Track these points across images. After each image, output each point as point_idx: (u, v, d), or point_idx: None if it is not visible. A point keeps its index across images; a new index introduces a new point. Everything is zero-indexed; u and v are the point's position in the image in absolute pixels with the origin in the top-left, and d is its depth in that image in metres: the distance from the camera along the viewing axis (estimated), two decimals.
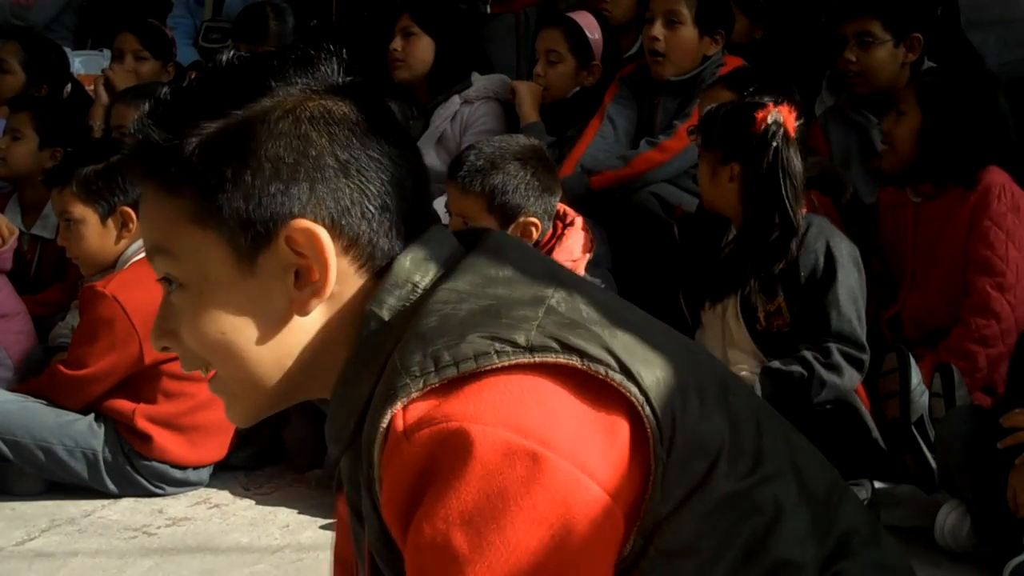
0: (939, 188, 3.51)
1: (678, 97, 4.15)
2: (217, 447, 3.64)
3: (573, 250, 3.34)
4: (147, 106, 1.22)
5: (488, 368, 1.09)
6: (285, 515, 3.38)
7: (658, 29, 4.11)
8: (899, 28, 3.94)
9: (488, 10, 4.91)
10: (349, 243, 1.19)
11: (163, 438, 3.48)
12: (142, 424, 3.47)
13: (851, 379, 3.13)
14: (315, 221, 1.17)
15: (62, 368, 3.50)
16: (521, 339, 1.10)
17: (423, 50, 4.47)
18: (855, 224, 3.68)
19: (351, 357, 1.19)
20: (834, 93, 4.26)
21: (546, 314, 1.13)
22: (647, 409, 1.11)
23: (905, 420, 3.15)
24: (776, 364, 3.14)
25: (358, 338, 1.19)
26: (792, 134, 3.14)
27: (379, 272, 1.20)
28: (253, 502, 3.50)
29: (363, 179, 1.19)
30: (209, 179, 1.17)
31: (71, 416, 3.48)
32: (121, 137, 4.22)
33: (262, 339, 1.21)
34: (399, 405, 1.09)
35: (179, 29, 5.70)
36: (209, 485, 3.61)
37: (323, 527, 3.29)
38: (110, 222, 3.50)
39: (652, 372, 1.13)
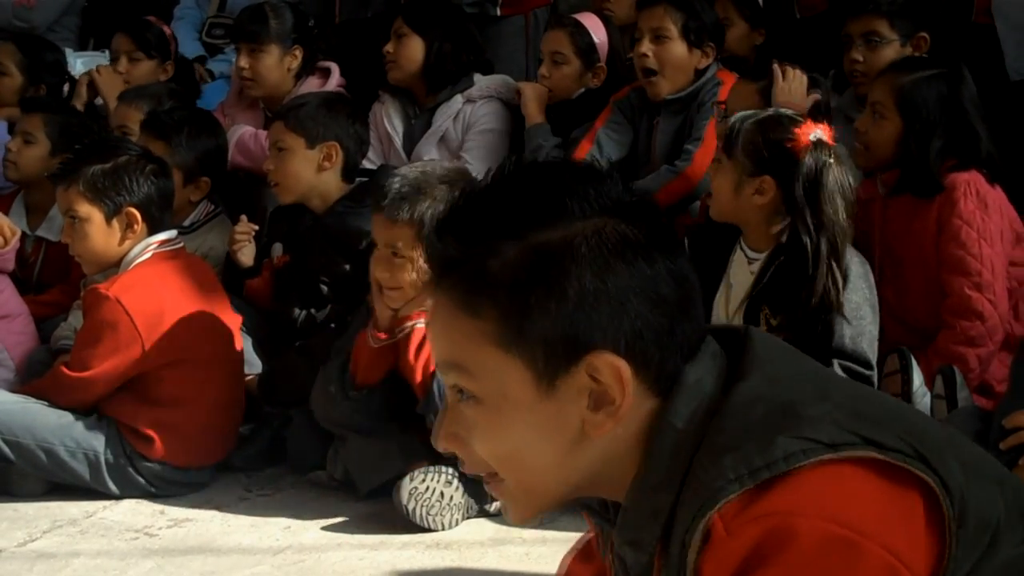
0: (901, 191, 3.49)
1: (677, 116, 4.14)
2: (218, 448, 3.64)
3: None
4: (442, 217, 1.26)
5: (798, 467, 1.16)
6: (286, 516, 3.38)
7: (646, 46, 4.09)
8: (906, 28, 3.93)
9: (498, 12, 4.92)
10: (640, 367, 1.23)
11: (165, 439, 3.48)
12: (144, 426, 3.47)
13: None
14: (615, 351, 1.21)
15: (65, 369, 3.50)
16: (824, 437, 1.17)
17: (413, 51, 4.48)
18: (856, 224, 3.67)
19: (649, 467, 1.24)
20: (837, 94, 4.26)
21: (835, 409, 1.21)
22: (942, 491, 1.19)
23: None
24: None
25: (650, 450, 1.24)
26: (834, 148, 3.08)
27: (666, 389, 1.25)
28: (254, 503, 3.50)
29: (654, 303, 1.23)
30: (515, 305, 1.21)
31: (73, 417, 3.48)
32: (124, 136, 4.22)
33: (553, 456, 1.26)
34: (717, 508, 1.16)
35: (186, 20, 5.69)
36: (210, 486, 3.61)
37: (324, 528, 3.30)
38: (115, 222, 3.50)
39: (937, 454, 1.21)
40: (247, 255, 4.03)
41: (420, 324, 3.27)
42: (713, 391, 1.24)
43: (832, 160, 3.06)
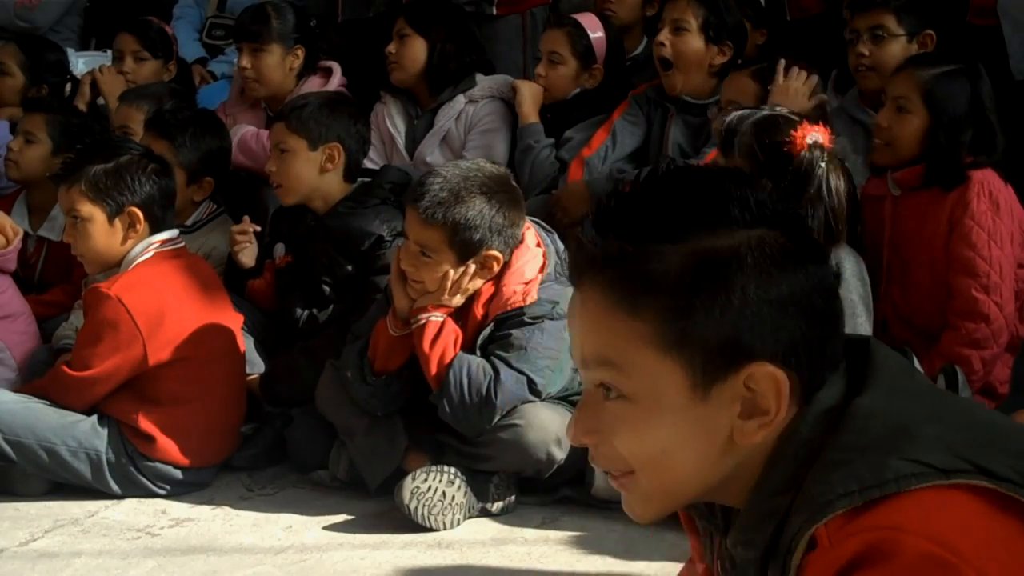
0: (927, 185, 3.50)
1: (695, 118, 4.17)
2: (220, 448, 3.64)
3: (524, 272, 3.31)
4: (605, 209, 1.26)
5: (908, 489, 1.17)
6: (288, 516, 3.38)
7: (664, 35, 4.15)
8: (912, 24, 3.93)
9: (494, 11, 4.92)
10: (793, 381, 1.24)
11: (166, 439, 3.48)
12: (145, 425, 3.47)
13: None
14: (774, 362, 1.22)
15: (66, 369, 3.51)
16: (937, 462, 1.18)
17: (415, 51, 4.48)
18: (864, 223, 3.67)
19: (773, 471, 1.26)
20: (839, 94, 4.25)
21: (949, 432, 1.21)
22: None
23: None
24: None
25: (776, 455, 1.26)
26: (830, 150, 3.08)
27: (806, 398, 1.26)
28: (256, 503, 3.50)
29: (809, 316, 1.24)
30: (678, 310, 1.21)
31: (75, 417, 3.49)
32: (126, 136, 4.22)
33: (697, 460, 1.27)
34: (824, 521, 1.18)
35: (185, 20, 5.69)
36: (212, 486, 3.61)
37: (326, 528, 3.30)
38: (117, 222, 3.50)
39: None
40: (248, 256, 4.03)
41: (435, 317, 3.28)
42: (835, 403, 1.25)
43: (826, 163, 3.07)
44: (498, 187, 3.25)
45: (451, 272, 3.24)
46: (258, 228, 4.05)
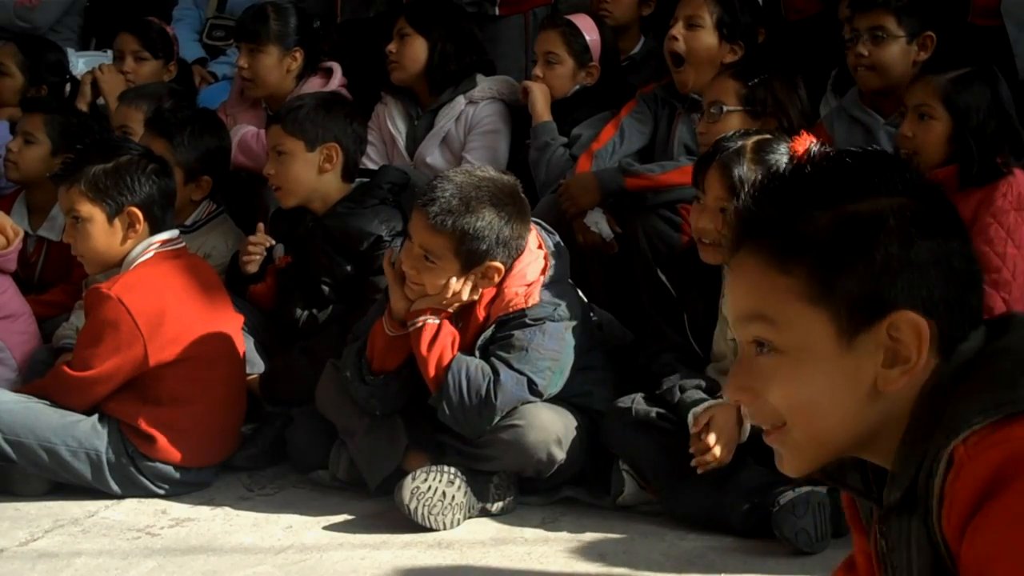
0: (962, 187, 3.51)
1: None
2: (220, 448, 3.64)
3: (526, 275, 3.31)
4: (761, 183, 1.41)
5: None
6: (288, 516, 3.38)
7: (678, 30, 4.16)
8: (913, 25, 3.94)
9: (496, 11, 4.92)
10: (934, 332, 1.34)
11: (166, 439, 3.48)
12: (146, 425, 3.47)
13: None
14: (915, 312, 1.33)
15: (67, 369, 3.51)
16: None
17: (416, 51, 4.48)
18: None
19: (917, 422, 1.34)
20: (838, 95, 4.26)
21: None
22: None
23: None
24: None
25: (920, 403, 1.35)
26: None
27: (947, 352, 1.36)
28: (256, 503, 3.50)
29: (948, 275, 1.35)
30: (828, 266, 1.34)
31: (75, 417, 3.49)
32: (126, 136, 4.22)
33: (844, 407, 1.36)
34: (961, 438, 1.27)
35: (185, 22, 5.68)
36: (212, 486, 3.61)
37: (326, 528, 3.30)
38: (117, 222, 3.50)
39: None
40: (255, 265, 4.02)
41: (432, 320, 3.28)
42: (974, 355, 1.35)
43: None
44: (508, 199, 3.25)
45: (453, 281, 3.25)
46: (272, 241, 4.03)
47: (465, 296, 3.29)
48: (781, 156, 3.12)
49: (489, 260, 3.24)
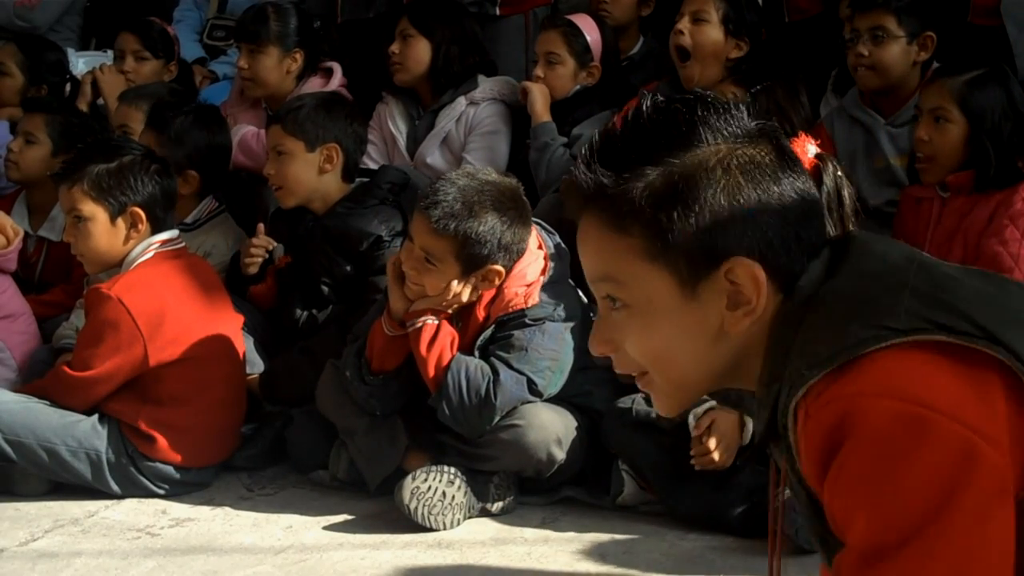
0: (980, 189, 3.52)
1: None
2: (220, 448, 3.64)
3: (526, 275, 3.32)
4: (592, 147, 1.43)
5: (870, 351, 1.28)
6: (288, 516, 3.38)
7: (684, 24, 4.17)
8: (913, 26, 3.94)
9: (497, 11, 4.92)
10: (772, 271, 1.39)
11: (166, 439, 3.48)
12: (146, 425, 3.47)
13: None
14: (750, 257, 1.37)
15: (67, 369, 3.51)
16: (896, 323, 1.29)
17: (420, 52, 4.48)
18: (907, 223, 3.69)
19: (767, 362, 1.40)
20: (838, 95, 4.26)
21: (912, 297, 1.32)
22: (1016, 364, 1.28)
23: None
24: None
25: (770, 344, 1.40)
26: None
27: (789, 288, 1.40)
28: (256, 503, 3.50)
29: (782, 216, 1.39)
30: (658, 222, 1.37)
31: (75, 417, 3.49)
32: (126, 136, 4.22)
33: (696, 352, 1.42)
34: (800, 394, 1.32)
35: (185, 23, 5.69)
36: (212, 486, 3.61)
37: (326, 528, 3.30)
38: (119, 221, 3.50)
39: (1011, 328, 1.29)
40: (256, 266, 4.02)
41: (431, 320, 3.28)
42: (814, 290, 1.38)
43: (833, 171, 3.06)
44: (510, 203, 3.25)
45: (454, 284, 3.25)
46: (273, 243, 4.03)
47: (465, 298, 3.30)
48: None
49: (490, 264, 3.24)
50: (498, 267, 3.25)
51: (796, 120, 3.80)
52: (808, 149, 3.13)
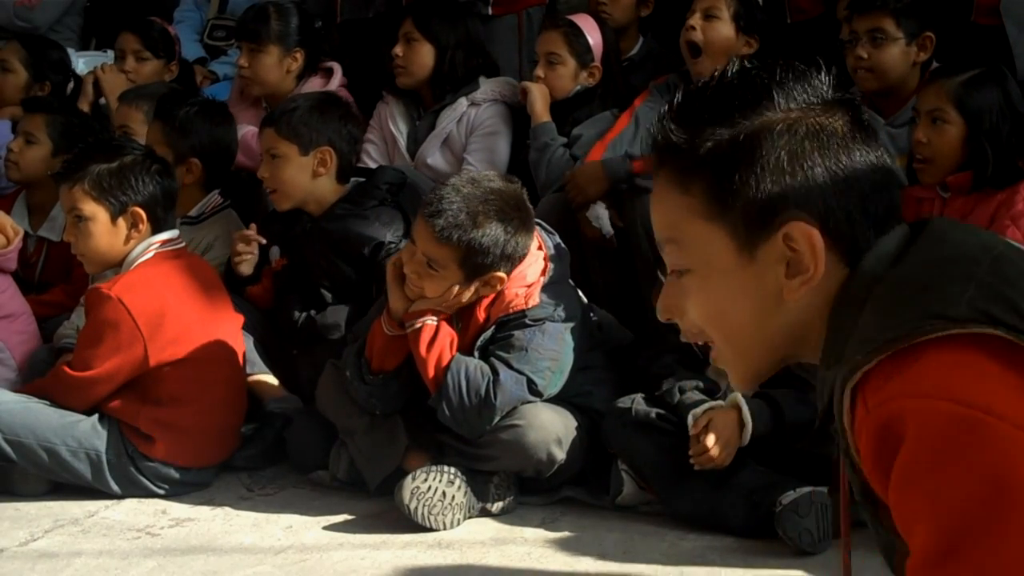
0: (978, 188, 3.52)
1: None
2: (220, 448, 3.64)
3: (526, 276, 3.32)
4: (667, 107, 1.43)
5: (923, 340, 1.26)
6: (288, 516, 3.38)
7: (696, 20, 4.21)
8: (912, 27, 3.94)
9: (490, 11, 4.92)
10: (834, 240, 1.37)
11: (166, 439, 3.48)
12: (146, 425, 3.47)
13: None
14: (809, 222, 1.35)
15: (67, 369, 3.51)
16: (953, 312, 1.26)
17: (424, 56, 4.47)
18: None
19: (828, 343, 1.38)
20: None
21: (976, 288, 1.28)
22: None
23: None
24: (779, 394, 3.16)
25: (832, 321, 1.38)
26: None
27: (854, 262, 1.38)
28: (256, 503, 3.50)
29: (848, 185, 1.37)
30: (720, 181, 1.37)
31: (75, 417, 3.49)
32: (127, 136, 4.21)
33: (755, 317, 1.41)
34: (855, 379, 1.29)
35: (186, 24, 5.68)
36: (212, 486, 3.61)
37: (326, 528, 3.30)
38: (120, 221, 3.50)
39: None
40: (248, 266, 4.01)
41: (430, 320, 3.28)
42: (881, 270, 1.35)
43: None
44: (514, 212, 3.25)
45: (455, 288, 3.25)
46: (262, 240, 4.02)
47: (465, 300, 3.30)
48: None
49: (493, 271, 3.24)
50: (500, 274, 3.25)
51: None
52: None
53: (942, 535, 1.22)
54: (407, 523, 3.23)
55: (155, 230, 3.54)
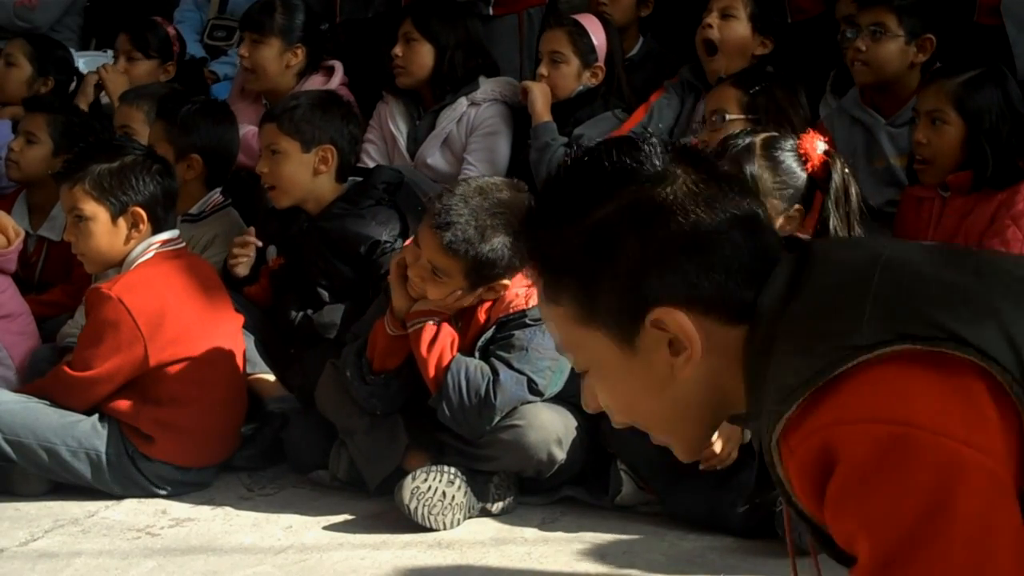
0: (977, 188, 3.53)
1: None
2: (220, 448, 3.64)
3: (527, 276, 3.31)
4: (527, 212, 1.43)
5: (838, 373, 1.24)
6: (288, 516, 3.38)
7: (713, 19, 4.25)
8: (913, 26, 3.95)
9: (491, 11, 4.92)
10: (707, 308, 1.34)
11: (167, 439, 3.48)
12: (146, 425, 3.47)
13: None
14: (671, 304, 1.33)
15: (67, 369, 3.51)
16: (859, 340, 1.24)
17: (423, 57, 4.48)
18: (909, 222, 3.69)
19: (747, 391, 1.37)
20: (837, 96, 4.27)
21: (873, 306, 1.27)
22: (985, 361, 1.23)
23: None
24: None
25: (745, 373, 1.36)
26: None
27: (745, 314, 1.35)
28: (256, 503, 3.50)
29: (708, 251, 1.34)
30: (581, 290, 1.36)
31: (75, 417, 3.49)
32: (127, 136, 4.21)
33: (661, 401, 1.41)
34: (779, 429, 1.29)
35: (186, 23, 5.68)
36: (212, 486, 3.61)
37: (326, 528, 3.30)
38: (121, 221, 3.50)
39: (972, 324, 1.24)
40: (244, 268, 4.00)
41: (431, 321, 3.28)
42: (776, 314, 1.33)
43: (840, 168, 3.06)
44: (520, 217, 3.23)
45: (458, 293, 3.26)
46: (259, 243, 4.01)
47: (467, 304, 3.31)
48: (788, 153, 3.11)
49: (498, 280, 3.25)
50: (504, 281, 3.26)
51: (796, 121, 3.80)
52: (817, 146, 3.14)
53: (879, 550, 1.21)
54: (407, 523, 3.23)
55: (155, 230, 3.54)
